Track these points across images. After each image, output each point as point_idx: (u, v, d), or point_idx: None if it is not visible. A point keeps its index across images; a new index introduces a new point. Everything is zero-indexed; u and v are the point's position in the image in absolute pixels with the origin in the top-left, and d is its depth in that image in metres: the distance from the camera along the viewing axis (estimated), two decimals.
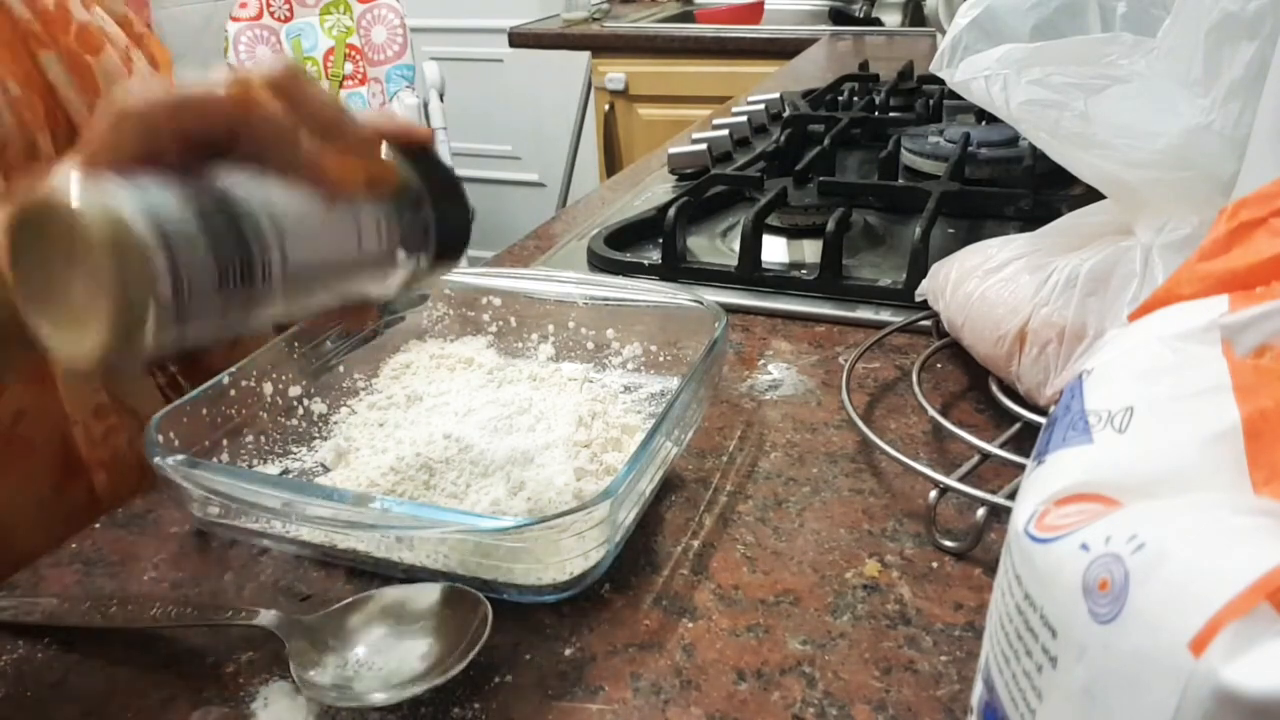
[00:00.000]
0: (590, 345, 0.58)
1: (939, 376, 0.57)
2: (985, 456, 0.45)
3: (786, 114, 1.06)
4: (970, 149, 0.85)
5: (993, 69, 0.47)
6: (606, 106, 2.14)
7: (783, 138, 0.95)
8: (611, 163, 2.20)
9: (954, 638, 0.37)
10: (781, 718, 0.34)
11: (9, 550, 0.47)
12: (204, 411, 0.47)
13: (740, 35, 2.01)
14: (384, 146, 0.38)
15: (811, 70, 1.60)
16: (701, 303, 0.54)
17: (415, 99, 2.33)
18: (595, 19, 2.24)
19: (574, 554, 0.38)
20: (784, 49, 1.90)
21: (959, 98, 0.52)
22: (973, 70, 0.49)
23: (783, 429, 0.52)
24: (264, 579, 0.42)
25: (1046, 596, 0.22)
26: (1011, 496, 0.40)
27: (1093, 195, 0.50)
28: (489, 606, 0.37)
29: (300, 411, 0.53)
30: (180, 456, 0.42)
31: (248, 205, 0.31)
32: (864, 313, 0.64)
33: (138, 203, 0.28)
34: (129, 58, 0.62)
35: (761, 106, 1.13)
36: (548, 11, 2.39)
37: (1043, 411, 0.48)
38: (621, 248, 0.75)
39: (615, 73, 2.10)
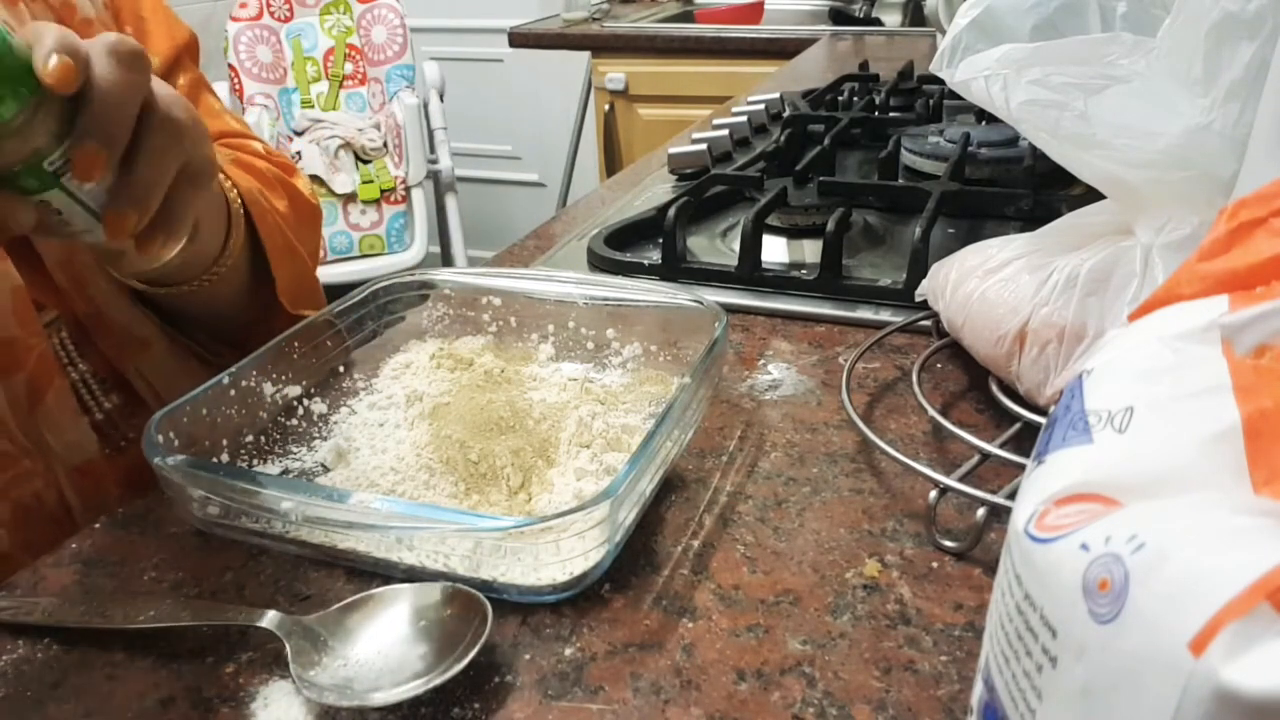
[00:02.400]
0: (590, 345, 0.58)
1: (939, 376, 0.57)
2: (985, 456, 0.45)
3: (786, 114, 1.06)
4: (970, 149, 0.85)
5: (993, 69, 0.47)
6: (606, 106, 2.15)
7: (783, 138, 0.95)
8: (611, 163, 2.20)
9: (954, 638, 0.37)
10: (781, 718, 0.34)
11: None
12: (204, 411, 0.47)
13: (740, 35, 2.01)
14: None
15: (811, 70, 1.60)
16: (701, 303, 0.54)
17: (415, 99, 2.34)
18: (595, 19, 2.24)
19: (574, 554, 0.38)
20: (784, 49, 1.90)
21: (959, 98, 0.52)
22: (973, 70, 0.49)
23: (783, 429, 0.52)
24: (264, 579, 0.42)
25: (1046, 596, 0.22)
26: (1011, 496, 0.40)
27: (1093, 195, 0.50)
28: (489, 606, 0.37)
29: (300, 411, 0.53)
30: (180, 456, 0.42)
31: None
32: (864, 313, 0.64)
33: None
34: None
35: (761, 106, 1.13)
36: (548, 11, 2.39)
37: (1043, 411, 0.48)
38: (621, 248, 0.75)
39: (615, 73, 2.10)
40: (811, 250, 0.73)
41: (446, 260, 2.50)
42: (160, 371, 0.62)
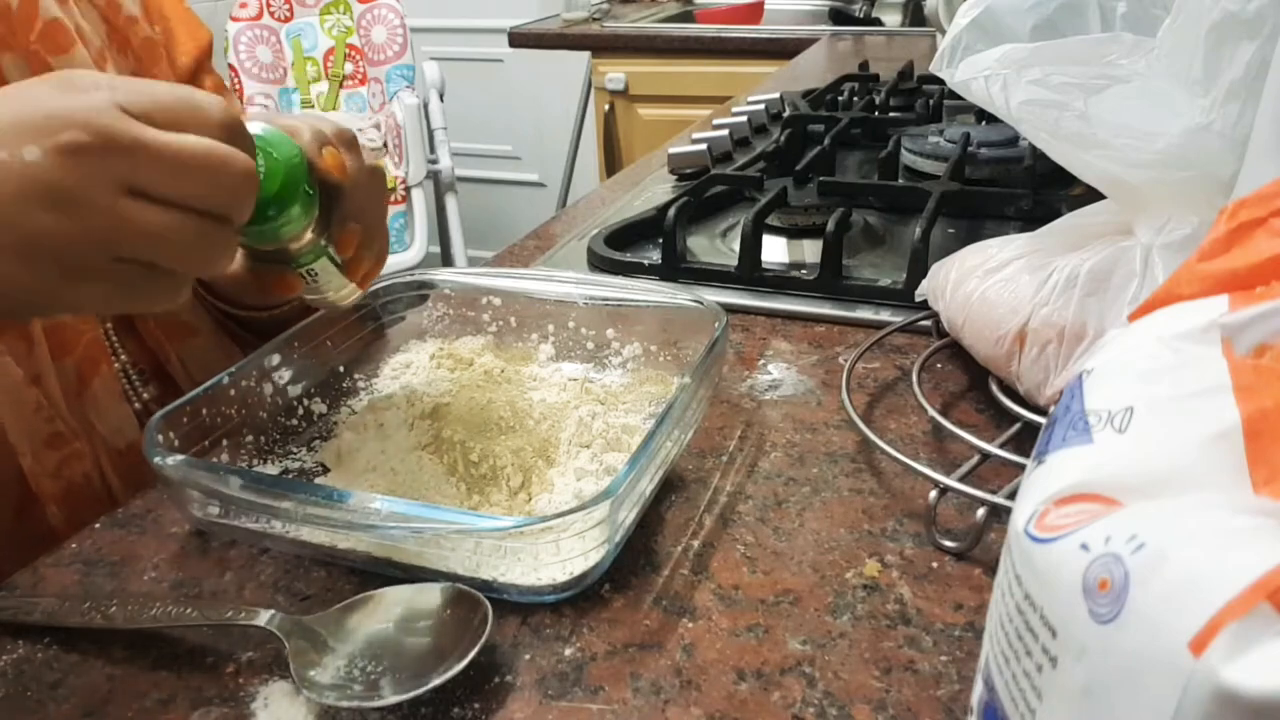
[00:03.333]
0: (590, 345, 0.58)
1: (939, 376, 0.57)
2: (985, 456, 0.45)
3: (786, 114, 1.06)
4: (970, 149, 0.85)
5: (993, 69, 0.47)
6: (606, 106, 2.14)
7: (783, 138, 0.95)
8: (611, 163, 2.20)
9: (954, 638, 0.37)
10: (781, 718, 0.34)
11: None
12: (204, 411, 0.47)
13: (740, 35, 2.01)
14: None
15: (811, 70, 1.60)
16: (701, 303, 0.54)
17: (415, 99, 2.33)
18: (595, 19, 2.24)
19: (574, 554, 0.38)
20: (784, 49, 1.90)
21: (959, 98, 0.52)
22: (973, 70, 0.49)
23: (783, 429, 0.52)
24: (264, 579, 0.42)
25: (1046, 596, 0.22)
26: (1011, 496, 0.40)
27: (1093, 195, 0.50)
28: (489, 606, 0.37)
29: (300, 411, 0.53)
30: (180, 456, 0.42)
31: None
32: (864, 313, 0.64)
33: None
34: (104, 58, 0.60)
35: (761, 106, 1.13)
36: (548, 11, 2.39)
37: (1043, 411, 0.48)
38: (621, 248, 0.75)
39: (615, 73, 2.10)
40: (811, 250, 0.73)
41: (446, 260, 2.49)
42: (202, 359, 0.64)
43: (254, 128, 0.43)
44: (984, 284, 0.51)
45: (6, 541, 0.53)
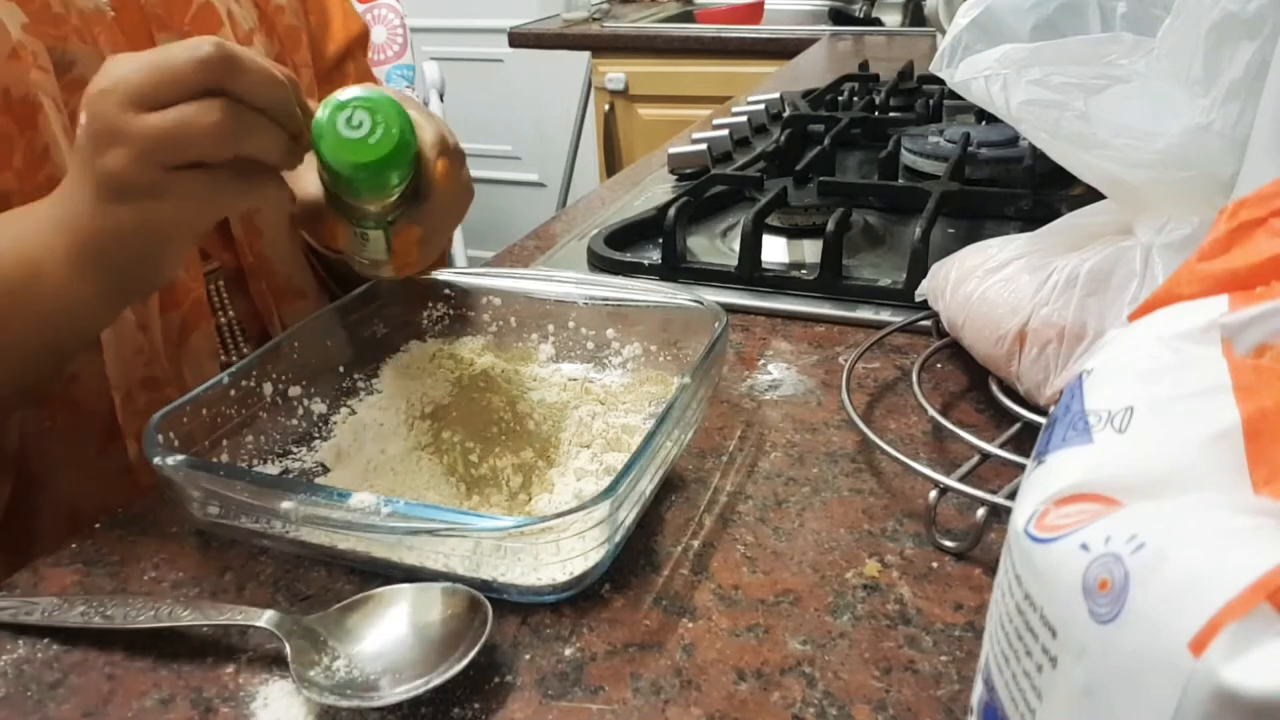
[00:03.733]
0: (590, 345, 0.58)
1: (939, 376, 0.57)
2: (985, 456, 0.45)
3: (786, 114, 1.06)
4: (970, 149, 0.85)
5: (993, 69, 0.47)
6: (606, 106, 2.14)
7: (783, 138, 0.95)
8: (611, 163, 2.20)
9: (954, 638, 0.37)
10: (781, 718, 0.34)
11: (57, 502, 0.57)
12: (204, 411, 0.47)
13: (740, 35, 2.01)
14: None
15: (811, 70, 1.60)
16: (701, 303, 0.54)
17: (415, 99, 2.33)
18: (595, 19, 2.24)
19: (574, 554, 0.38)
20: (784, 49, 1.90)
21: (959, 98, 0.52)
22: (973, 70, 0.49)
23: (783, 429, 0.52)
24: (264, 579, 0.42)
25: (1046, 596, 0.22)
26: (1011, 496, 0.40)
27: (1093, 195, 0.50)
28: (489, 606, 0.37)
29: (300, 411, 0.53)
30: (180, 456, 0.42)
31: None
32: (864, 313, 0.64)
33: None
34: (251, 40, 0.64)
35: (761, 106, 1.13)
36: (548, 11, 2.39)
37: (1043, 411, 0.48)
38: (621, 248, 0.75)
39: (615, 73, 2.10)
40: (811, 250, 0.73)
41: (446, 260, 2.49)
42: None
43: (385, 91, 0.47)
44: (984, 284, 0.51)
45: (90, 469, 0.58)
